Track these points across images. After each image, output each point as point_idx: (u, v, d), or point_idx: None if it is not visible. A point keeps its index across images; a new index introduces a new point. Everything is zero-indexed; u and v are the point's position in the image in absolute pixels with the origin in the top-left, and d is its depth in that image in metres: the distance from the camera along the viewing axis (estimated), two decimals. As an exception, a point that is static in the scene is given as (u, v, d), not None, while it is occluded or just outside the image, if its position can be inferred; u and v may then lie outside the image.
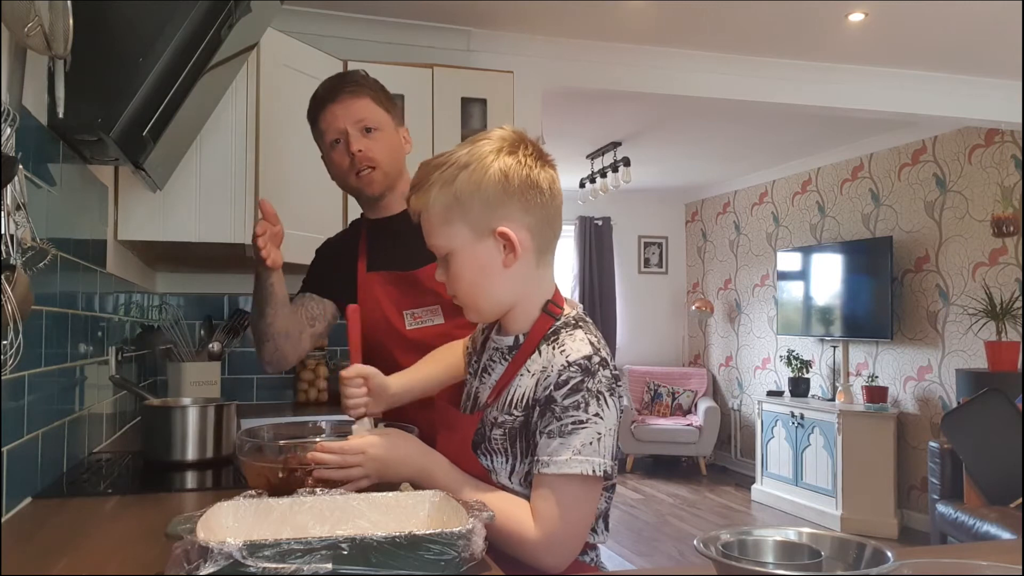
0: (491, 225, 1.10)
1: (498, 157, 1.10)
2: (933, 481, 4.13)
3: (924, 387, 5.25)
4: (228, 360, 3.17)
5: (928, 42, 3.68)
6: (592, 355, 1.07)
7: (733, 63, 3.86)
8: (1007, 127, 4.52)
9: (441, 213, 1.12)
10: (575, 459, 1.03)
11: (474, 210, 1.10)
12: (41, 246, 1.21)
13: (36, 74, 1.36)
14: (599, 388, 1.05)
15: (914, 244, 5.33)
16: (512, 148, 1.12)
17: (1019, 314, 4.52)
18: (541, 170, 1.13)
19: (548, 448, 1.05)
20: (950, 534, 3.84)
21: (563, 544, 1.06)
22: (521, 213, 1.11)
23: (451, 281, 1.15)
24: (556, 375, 1.06)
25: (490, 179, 1.09)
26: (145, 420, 1.78)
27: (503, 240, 1.11)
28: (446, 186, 1.11)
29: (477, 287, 1.14)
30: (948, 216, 5.10)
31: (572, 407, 1.04)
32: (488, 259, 1.12)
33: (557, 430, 1.04)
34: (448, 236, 1.12)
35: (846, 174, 5.95)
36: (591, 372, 1.05)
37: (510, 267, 1.12)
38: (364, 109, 1.71)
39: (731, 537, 0.89)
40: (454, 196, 1.10)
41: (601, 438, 1.04)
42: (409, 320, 1.72)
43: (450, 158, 1.13)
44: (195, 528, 0.83)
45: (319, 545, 0.80)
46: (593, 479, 1.04)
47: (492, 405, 1.14)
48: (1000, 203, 4.70)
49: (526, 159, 1.11)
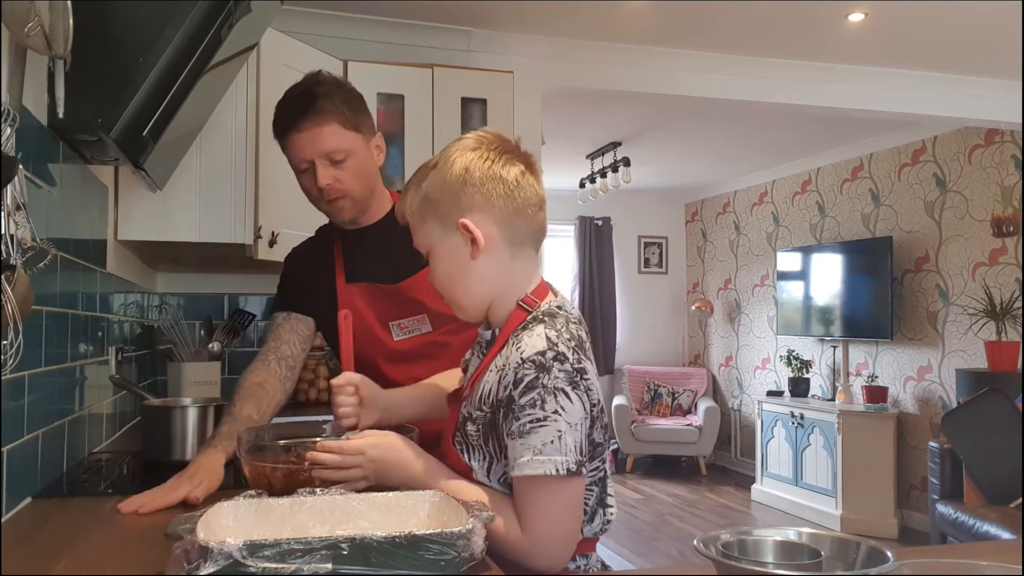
0: (454, 218, 1.14)
1: (463, 154, 1.15)
2: (933, 481, 4.13)
3: (924, 387, 5.25)
4: (228, 360, 3.16)
5: (928, 42, 3.68)
6: (546, 350, 1.05)
7: (733, 63, 3.86)
8: (1007, 127, 4.52)
9: (416, 212, 1.18)
10: (536, 460, 1.02)
11: (441, 205, 1.15)
12: (41, 246, 1.21)
13: (36, 74, 1.37)
14: (556, 384, 1.03)
15: (914, 244, 5.33)
16: (477, 144, 1.16)
17: (1019, 314, 4.52)
18: (506, 164, 1.15)
19: (513, 451, 1.05)
20: (950, 534, 3.84)
21: (552, 544, 1.05)
22: (484, 206, 1.13)
23: (432, 277, 1.20)
24: (512, 373, 1.06)
25: (453, 174, 1.14)
26: (145, 420, 1.78)
27: (464, 231, 1.13)
28: (418, 185, 1.18)
29: (452, 280, 1.17)
30: (948, 216, 5.10)
31: (528, 405, 1.03)
32: (458, 253, 1.15)
33: (517, 430, 1.04)
34: (424, 233, 1.18)
35: (846, 174, 5.95)
36: (545, 368, 1.04)
37: (477, 259, 1.14)
38: (331, 138, 1.59)
39: (731, 537, 0.89)
40: (424, 194, 1.16)
41: (562, 435, 1.02)
42: (396, 331, 1.68)
43: (429, 161, 1.19)
44: (195, 528, 0.83)
45: (319, 545, 0.80)
46: (560, 479, 1.03)
47: (467, 399, 1.16)
48: (1000, 203, 4.70)
49: (490, 154, 1.15)
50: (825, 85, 4.01)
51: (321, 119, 1.59)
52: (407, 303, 1.67)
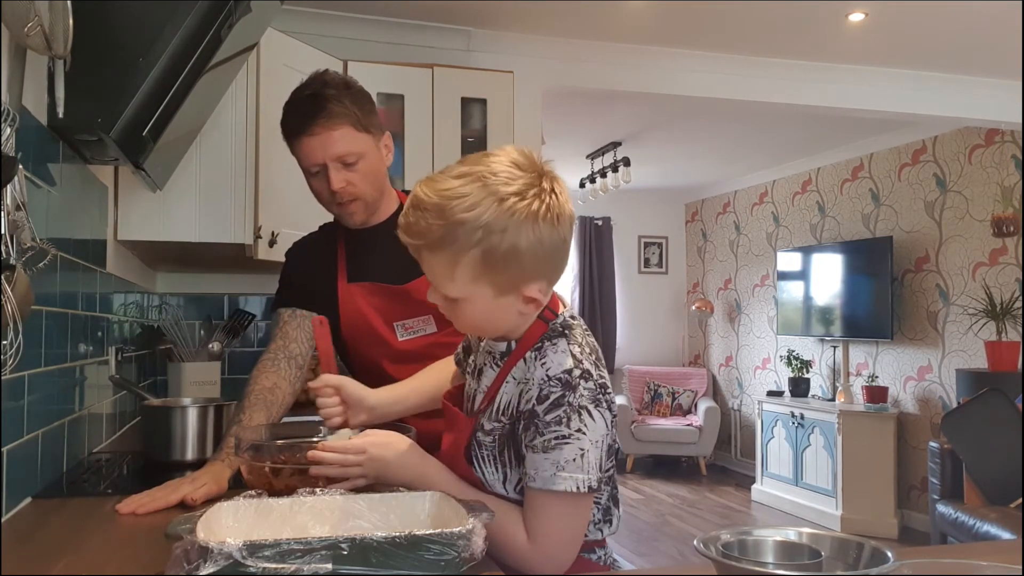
0: (519, 289, 1.06)
1: (534, 218, 1.02)
2: (933, 481, 4.12)
3: (924, 387, 5.25)
4: (228, 360, 3.16)
5: (928, 42, 3.68)
6: (572, 368, 1.05)
7: (733, 63, 3.86)
8: (1007, 127, 4.52)
9: (467, 274, 1.04)
10: (559, 476, 1.02)
11: (503, 275, 1.04)
12: (41, 246, 1.21)
13: (36, 74, 1.36)
14: (581, 402, 1.04)
15: (914, 244, 5.33)
16: (541, 198, 1.03)
17: (1019, 314, 4.52)
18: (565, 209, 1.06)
19: (533, 463, 1.04)
20: (950, 534, 3.84)
21: (556, 557, 1.06)
22: (546, 264, 1.07)
23: (455, 316, 1.12)
24: (537, 389, 1.05)
25: (527, 245, 1.02)
26: (145, 420, 1.78)
27: (528, 299, 1.08)
28: (474, 248, 1.02)
29: (485, 325, 1.13)
30: (948, 216, 5.10)
31: (554, 422, 1.03)
32: (505, 311, 1.09)
33: (541, 445, 1.04)
34: (467, 291, 1.06)
35: (846, 174, 5.95)
36: (571, 386, 1.04)
37: (528, 315, 1.10)
38: (343, 141, 1.57)
39: (731, 537, 0.89)
40: (483, 260, 1.03)
41: (584, 453, 1.03)
42: (400, 331, 1.67)
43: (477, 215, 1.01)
44: (195, 528, 0.83)
45: (319, 545, 0.80)
46: (578, 495, 1.03)
47: (484, 412, 1.14)
48: (1000, 203, 4.70)
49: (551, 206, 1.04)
50: (825, 85, 4.01)
51: (332, 122, 1.56)
52: (413, 304, 1.66)
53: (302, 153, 1.61)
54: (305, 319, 1.69)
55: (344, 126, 1.57)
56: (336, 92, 1.59)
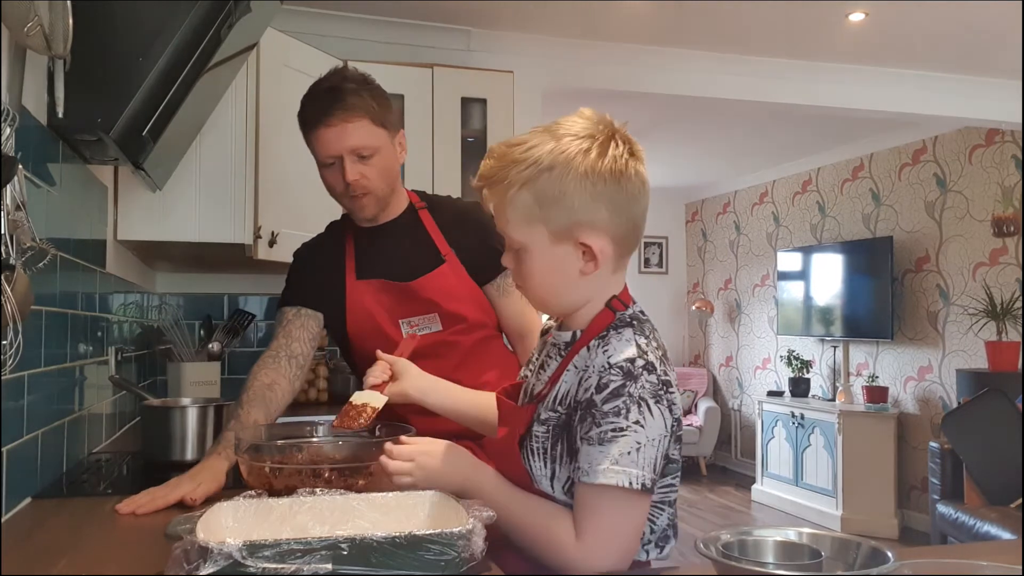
0: (573, 234, 1.04)
1: (585, 159, 1.02)
2: (933, 481, 4.12)
3: (924, 387, 5.25)
4: (228, 360, 3.16)
5: (928, 42, 3.68)
6: (636, 358, 1.00)
7: (733, 63, 3.86)
8: (1007, 127, 4.52)
9: (519, 213, 1.05)
10: (612, 469, 0.97)
11: (556, 216, 1.03)
12: (41, 246, 1.21)
13: (36, 74, 1.37)
14: (641, 394, 0.99)
15: (914, 244, 5.33)
16: (601, 148, 1.03)
17: (1019, 314, 4.52)
18: (632, 169, 1.05)
19: (588, 456, 0.99)
20: (950, 534, 3.84)
21: (604, 557, 0.99)
22: (608, 220, 1.04)
23: (520, 275, 1.11)
24: (597, 377, 1.01)
25: (575, 186, 1.02)
26: (145, 420, 1.78)
27: (583, 248, 1.05)
28: (526, 187, 1.04)
29: (549, 288, 1.10)
30: (948, 216, 5.10)
31: (612, 413, 0.98)
32: (565, 264, 1.06)
33: (596, 437, 0.99)
34: (524, 234, 1.06)
35: (846, 174, 5.95)
36: (633, 376, 0.99)
37: (588, 275, 1.07)
38: (359, 134, 1.59)
39: (731, 537, 0.89)
40: (534, 199, 1.04)
41: (640, 448, 0.97)
42: (405, 328, 1.68)
43: (531, 154, 1.04)
44: (195, 528, 0.83)
45: (319, 545, 0.80)
46: (631, 492, 0.98)
47: (543, 400, 1.10)
48: (1000, 203, 4.70)
49: (617, 160, 1.03)
50: (825, 85, 4.01)
51: (350, 115, 1.59)
52: (419, 301, 1.67)
53: (318, 144, 1.62)
54: (309, 318, 1.71)
55: (361, 119, 1.59)
56: (355, 86, 1.62)
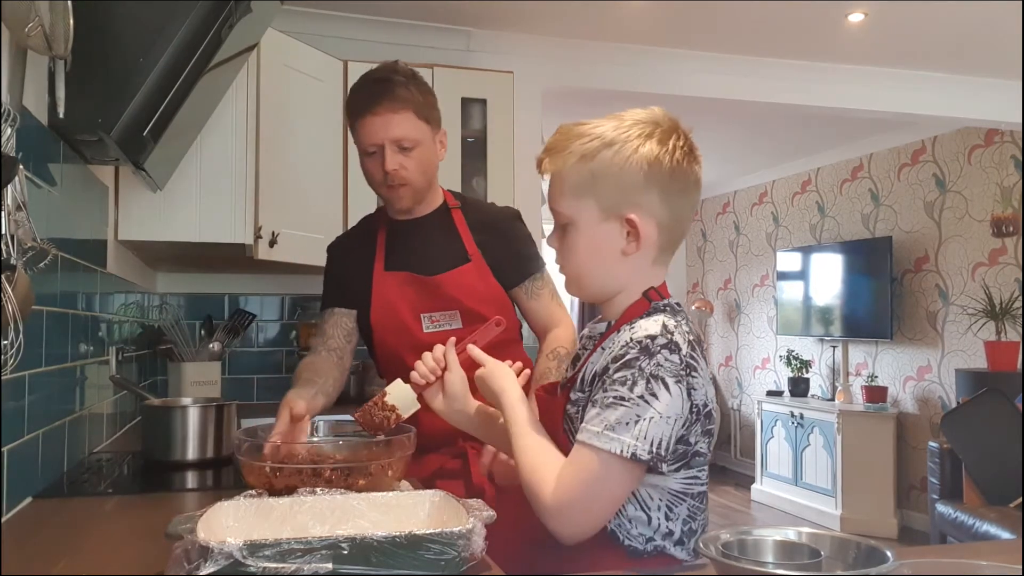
0: (621, 210, 1.08)
1: (646, 142, 1.07)
2: (933, 481, 4.13)
3: (924, 387, 5.25)
4: (228, 360, 3.17)
5: (928, 42, 3.68)
6: (657, 335, 1.02)
7: (733, 63, 3.86)
8: (1007, 127, 4.52)
9: (574, 184, 1.09)
10: (605, 434, 0.98)
11: (608, 191, 1.07)
12: (41, 246, 1.21)
13: (36, 74, 1.37)
14: (655, 371, 0.99)
15: (914, 244, 5.33)
16: (664, 136, 1.08)
17: (1019, 314, 4.52)
18: (689, 165, 1.09)
19: (588, 415, 1.02)
20: (950, 534, 3.84)
21: (573, 515, 1.00)
22: (657, 205, 1.08)
23: (564, 251, 1.14)
24: (617, 349, 1.04)
25: (632, 164, 1.06)
26: (145, 420, 1.78)
27: (629, 227, 1.08)
28: (585, 159, 1.08)
29: (588, 266, 1.12)
30: (948, 216, 5.10)
31: (619, 382, 1.00)
32: (608, 242, 1.09)
33: (600, 400, 1.01)
34: (574, 208, 1.10)
35: (846, 174, 5.95)
36: (649, 352, 1.00)
37: (629, 256, 1.09)
38: (403, 126, 1.65)
39: (731, 537, 0.89)
40: (591, 172, 1.08)
41: (639, 421, 0.98)
42: (426, 323, 1.70)
43: (594, 130, 1.09)
44: (195, 528, 0.83)
45: (319, 545, 0.81)
46: (619, 459, 0.98)
47: (573, 384, 1.12)
48: (1000, 203, 4.70)
49: (676, 150, 1.07)
50: (825, 85, 4.01)
51: (396, 105, 1.64)
52: (442, 297, 1.70)
53: (363, 132, 1.67)
54: (342, 316, 1.78)
55: (406, 111, 1.65)
56: (404, 80, 1.69)
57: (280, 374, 3.31)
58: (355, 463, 1.21)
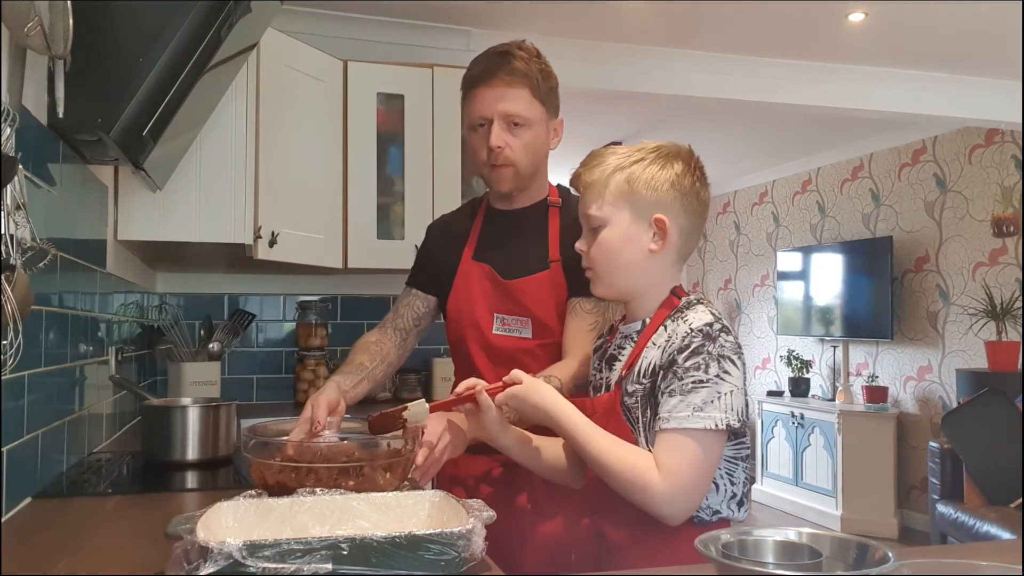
0: (652, 212, 1.24)
1: (673, 163, 1.26)
2: (933, 481, 4.13)
3: (924, 387, 5.25)
4: (228, 360, 3.16)
5: (928, 42, 3.68)
6: (713, 322, 1.17)
7: (733, 63, 3.86)
8: (1007, 127, 4.52)
9: (611, 190, 1.25)
10: (695, 415, 1.12)
11: (640, 197, 1.24)
12: (41, 246, 1.21)
13: (36, 74, 1.37)
14: (720, 352, 1.15)
15: (914, 244, 5.33)
16: (686, 158, 1.28)
17: (1019, 314, 4.52)
18: (703, 187, 1.29)
19: (668, 405, 1.14)
20: (950, 534, 3.84)
21: (686, 496, 1.13)
22: (679, 213, 1.25)
23: (595, 249, 1.26)
24: (680, 340, 1.17)
25: (664, 176, 1.24)
26: (145, 420, 1.78)
27: (657, 227, 1.24)
28: (622, 170, 1.25)
29: (617, 259, 1.25)
30: (948, 216, 5.10)
31: (693, 368, 1.14)
32: (637, 239, 1.24)
33: (678, 388, 1.14)
34: (610, 211, 1.25)
35: (846, 174, 5.95)
36: (712, 337, 1.16)
37: (654, 254, 1.24)
38: (517, 102, 1.58)
39: (731, 537, 0.89)
40: (627, 179, 1.25)
41: (721, 396, 1.13)
42: (497, 324, 1.63)
43: (627, 150, 1.28)
44: (195, 528, 0.83)
45: (319, 545, 0.81)
46: (709, 433, 1.12)
47: (626, 378, 1.24)
48: (1000, 203, 4.70)
49: (696, 172, 1.28)
50: (825, 85, 4.00)
51: (513, 80, 1.60)
52: (515, 302, 1.62)
53: (474, 103, 1.62)
54: (416, 299, 1.77)
55: (523, 87, 1.60)
56: (527, 56, 1.63)
57: (280, 374, 3.31)
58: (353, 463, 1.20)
